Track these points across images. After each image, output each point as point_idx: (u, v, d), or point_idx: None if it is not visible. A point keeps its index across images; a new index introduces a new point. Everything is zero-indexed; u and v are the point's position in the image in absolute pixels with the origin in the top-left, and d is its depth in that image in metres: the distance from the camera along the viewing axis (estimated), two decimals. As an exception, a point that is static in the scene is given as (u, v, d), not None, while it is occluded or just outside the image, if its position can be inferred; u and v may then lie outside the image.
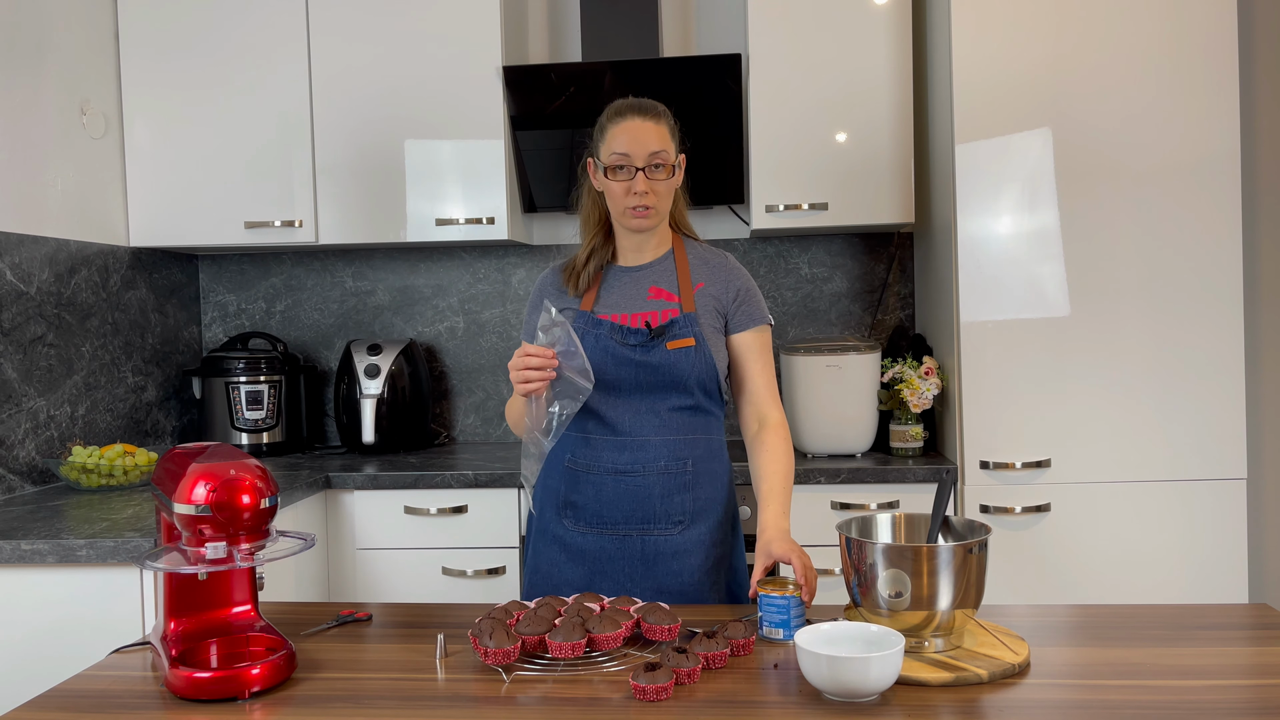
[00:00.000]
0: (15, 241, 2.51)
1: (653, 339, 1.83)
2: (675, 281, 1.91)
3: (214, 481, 1.35)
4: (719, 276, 1.92)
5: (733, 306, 1.90)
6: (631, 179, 1.82)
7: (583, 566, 1.87)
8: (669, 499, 1.85)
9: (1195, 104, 2.53)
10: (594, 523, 1.87)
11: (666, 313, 1.87)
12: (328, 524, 2.70)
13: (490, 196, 2.92)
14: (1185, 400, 2.54)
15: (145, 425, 3.02)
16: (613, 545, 1.86)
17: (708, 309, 1.89)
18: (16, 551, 1.92)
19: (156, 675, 1.42)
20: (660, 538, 1.85)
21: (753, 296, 1.93)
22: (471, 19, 2.89)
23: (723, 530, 1.91)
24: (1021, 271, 2.56)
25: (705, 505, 1.88)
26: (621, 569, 1.85)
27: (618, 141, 1.82)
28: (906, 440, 2.75)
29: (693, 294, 1.89)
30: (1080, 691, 1.29)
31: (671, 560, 1.85)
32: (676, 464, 1.86)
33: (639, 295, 1.90)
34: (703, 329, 1.86)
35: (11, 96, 2.52)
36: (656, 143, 1.82)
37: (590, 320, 1.87)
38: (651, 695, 1.28)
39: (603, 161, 1.85)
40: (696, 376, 1.85)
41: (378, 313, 3.34)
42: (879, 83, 2.81)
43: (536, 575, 1.93)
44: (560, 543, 1.90)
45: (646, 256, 1.93)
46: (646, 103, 1.88)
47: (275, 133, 2.94)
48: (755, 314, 1.91)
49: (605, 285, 1.93)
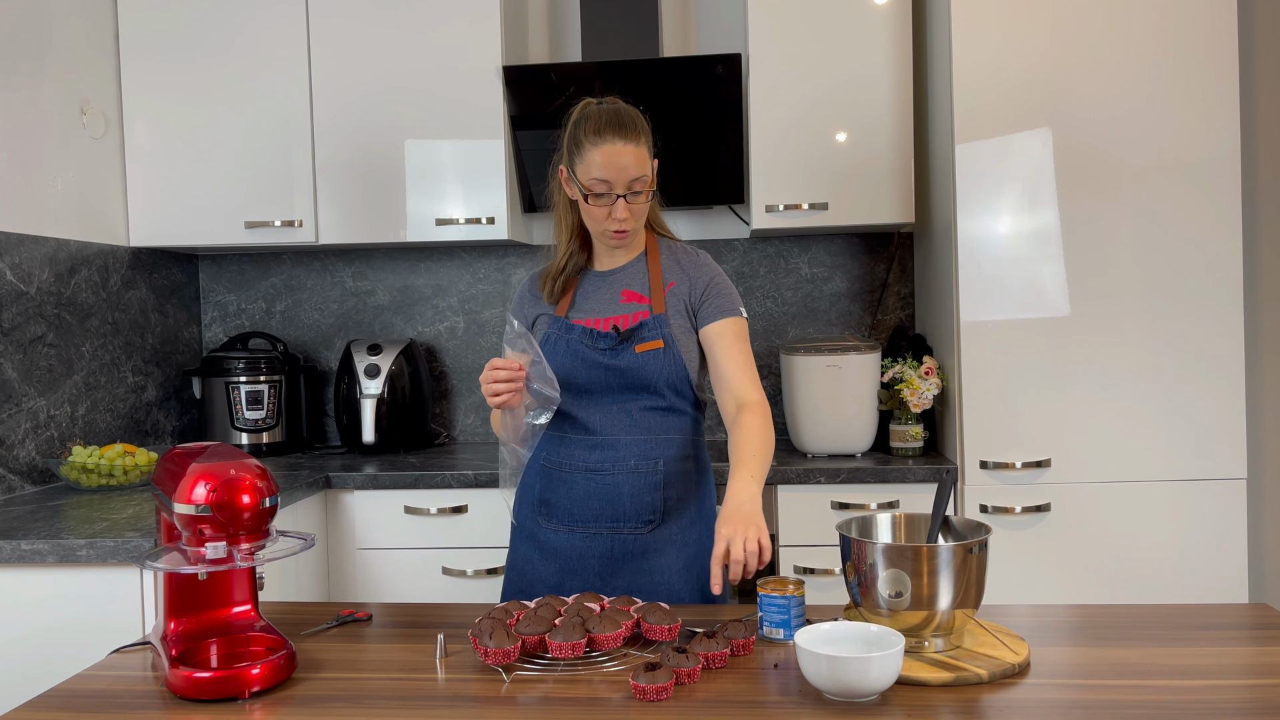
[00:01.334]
0: (15, 241, 2.51)
1: (621, 342, 1.85)
2: (647, 283, 1.91)
3: (214, 481, 1.35)
4: (688, 274, 1.92)
5: (700, 300, 1.89)
6: (612, 204, 1.82)
7: (554, 564, 1.89)
8: (639, 498, 1.86)
9: (1195, 104, 2.53)
10: (566, 521, 1.88)
11: (637, 315, 1.88)
12: (328, 524, 2.70)
13: (490, 196, 2.92)
14: (1185, 400, 2.54)
15: (145, 425, 3.02)
16: (583, 543, 1.88)
17: (677, 309, 1.89)
18: (16, 551, 1.92)
19: (156, 675, 1.42)
20: (630, 536, 1.86)
21: (721, 290, 1.90)
22: (471, 19, 2.89)
23: (696, 530, 1.91)
24: (1021, 271, 2.56)
25: (677, 504, 1.88)
26: (591, 567, 1.87)
27: (598, 167, 1.80)
28: (906, 440, 2.75)
29: (663, 295, 1.89)
30: (1080, 691, 1.29)
31: (641, 559, 1.86)
32: (646, 463, 1.87)
33: (612, 299, 1.91)
34: (672, 330, 1.87)
35: (11, 96, 2.53)
36: (637, 168, 1.81)
37: (564, 326, 1.89)
38: (651, 695, 1.28)
39: (581, 181, 1.83)
40: (666, 378, 1.85)
41: (378, 313, 3.34)
42: (879, 82, 2.81)
43: (513, 572, 1.95)
44: (535, 540, 1.92)
45: (620, 260, 1.94)
46: (624, 118, 1.83)
47: (275, 133, 2.94)
48: (725, 306, 1.89)
49: (580, 290, 1.94)
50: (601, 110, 1.85)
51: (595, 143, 1.80)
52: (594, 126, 1.82)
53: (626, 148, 1.80)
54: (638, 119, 1.85)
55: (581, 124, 1.84)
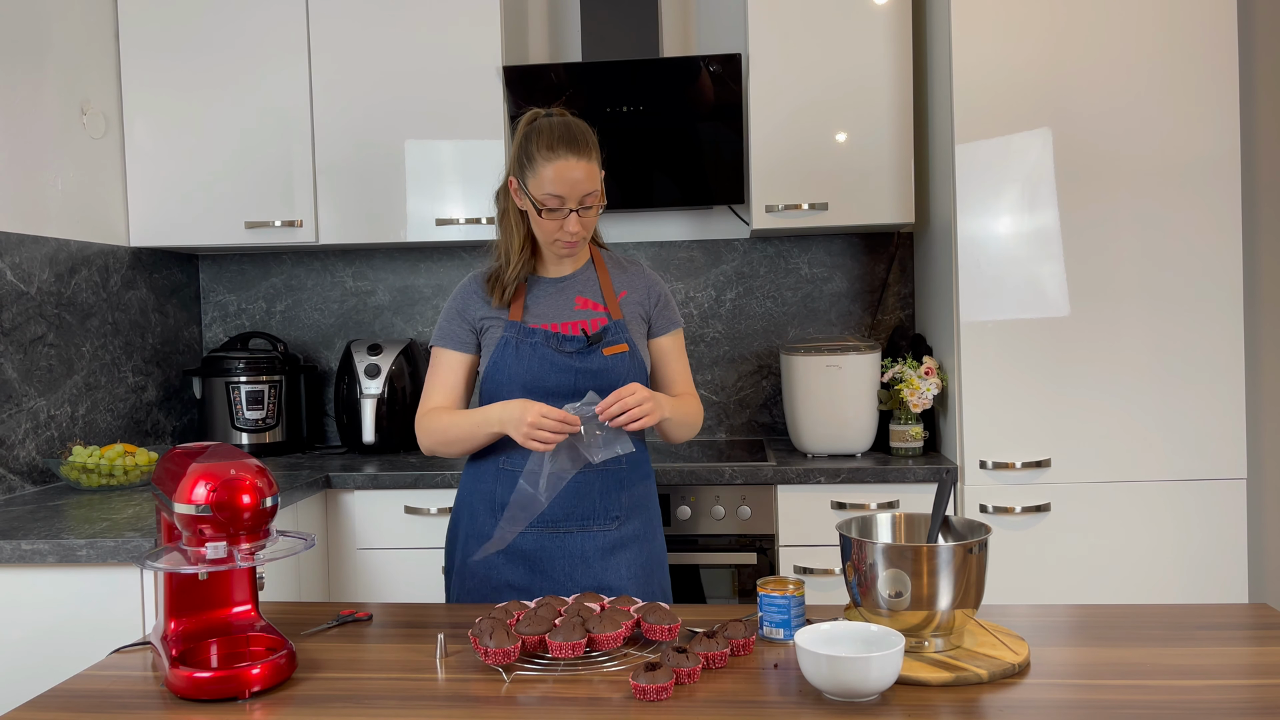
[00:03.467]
0: (15, 241, 2.51)
1: (590, 345, 1.91)
2: (599, 291, 1.98)
3: (214, 481, 1.35)
4: (639, 284, 2.02)
5: (655, 311, 2.01)
6: (564, 218, 1.86)
7: (521, 567, 1.92)
8: (607, 495, 1.93)
9: (1195, 104, 2.53)
10: (534, 522, 1.90)
11: (596, 321, 1.95)
12: (328, 524, 2.70)
13: (490, 196, 2.91)
14: (1185, 400, 2.54)
15: (145, 425, 3.02)
16: (552, 543, 1.92)
17: (634, 316, 1.98)
18: (16, 551, 1.92)
19: (157, 675, 1.43)
20: (599, 533, 1.92)
21: (669, 302, 2.04)
22: (471, 19, 2.89)
23: (651, 527, 2.00)
24: (1021, 271, 2.56)
25: (638, 501, 1.97)
26: (560, 567, 1.91)
27: (551, 182, 1.83)
28: (906, 440, 2.75)
29: (617, 302, 1.97)
30: (1080, 691, 1.29)
31: (609, 555, 1.92)
32: (614, 461, 1.93)
33: (566, 305, 1.96)
34: (632, 334, 1.96)
35: (11, 96, 2.52)
36: (589, 183, 1.85)
37: (522, 330, 1.93)
38: (651, 695, 1.28)
39: (533, 195, 1.86)
40: (631, 379, 1.91)
41: (378, 313, 3.34)
42: (879, 83, 2.81)
43: (472, 580, 1.95)
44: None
45: (567, 268, 2.00)
46: (577, 133, 1.86)
47: (275, 133, 2.94)
48: (672, 318, 2.04)
49: (531, 296, 1.97)
50: (553, 124, 1.87)
51: (548, 158, 1.83)
52: (547, 141, 1.84)
53: (579, 163, 1.83)
54: (588, 134, 1.89)
55: (533, 137, 1.86)
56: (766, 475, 2.58)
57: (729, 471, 2.58)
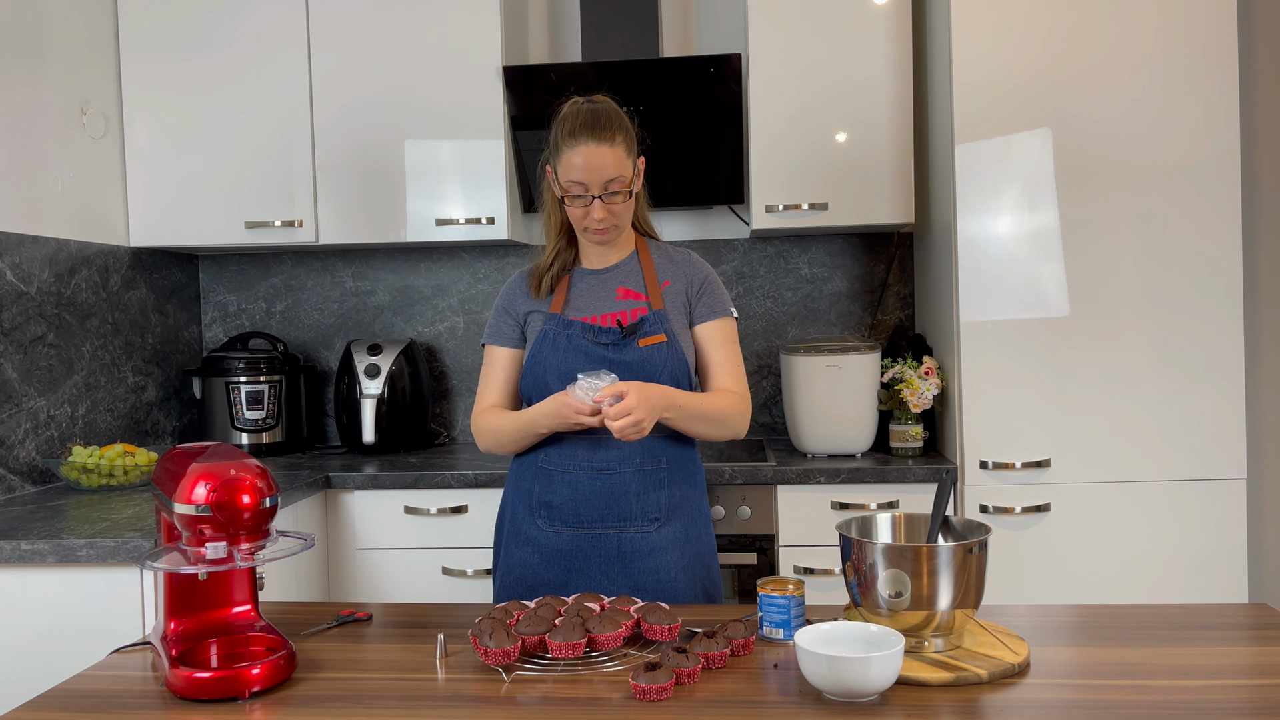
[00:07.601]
0: (15, 241, 2.51)
1: (625, 337, 1.86)
2: (642, 281, 1.93)
3: (214, 481, 1.35)
4: (682, 272, 1.94)
5: (695, 298, 1.93)
6: (589, 205, 1.83)
7: (557, 567, 1.88)
8: (644, 496, 1.87)
9: (1195, 104, 2.53)
10: (569, 522, 1.87)
11: (636, 311, 1.89)
12: (328, 524, 2.70)
13: (490, 196, 2.92)
14: (1185, 400, 2.54)
15: (145, 425, 3.02)
16: (588, 544, 1.87)
17: (675, 305, 1.91)
18: (16, 551, 1.92)
19: (156, 675, 1.42)
20: (636, 535, 1.86)
21: (714, 289, 1.94)
22: (471, 19, 2.89)
23: (698, 528, 1.92)
24: (1021, 271, 2.56)
25: (680, 502, 1.89)
26: (598, 567, 1.86)
27: (572, 169, 1.80)
28: (906, 440, 2.75)
29: (660, 292, 1.91)
30: (1080, 691, 1.29)
31: (648, 558, 1.86)
32: (651, 461, 1.87)
33: (607, 296, 1.92)
34: (672, 325, 1.88)
35: (11, 96, 2.53)
36: (613, 169, 1.81)
37: (561, 322, 1.89)
38: (651, 695, 1.28)
39: (560, 182, 1.84)
40: (670, 372, 1.86)
41: (378, 313, 3.34)
42: (879, 83, 2.81)
43: (509, 577, 1.93)
44: (534, 544, 1.90)
45: (611, 259, 1.95)
46: (601, 117, 1.83)
47: (275, 133, 2.94)
48: (717, 306, 1.93)
49: (573, 288, 1.94)
50: (580, 110, 1.84)
51: (571, 145, 1.81)
52: (570, 128, 1.82)
53: (600, 149, 1.80)
54: (617, 118, 1.84)
55: (560, 124, 1.85)
56: (766, 475, 2.58)
57: (729, 471, 2.58)
